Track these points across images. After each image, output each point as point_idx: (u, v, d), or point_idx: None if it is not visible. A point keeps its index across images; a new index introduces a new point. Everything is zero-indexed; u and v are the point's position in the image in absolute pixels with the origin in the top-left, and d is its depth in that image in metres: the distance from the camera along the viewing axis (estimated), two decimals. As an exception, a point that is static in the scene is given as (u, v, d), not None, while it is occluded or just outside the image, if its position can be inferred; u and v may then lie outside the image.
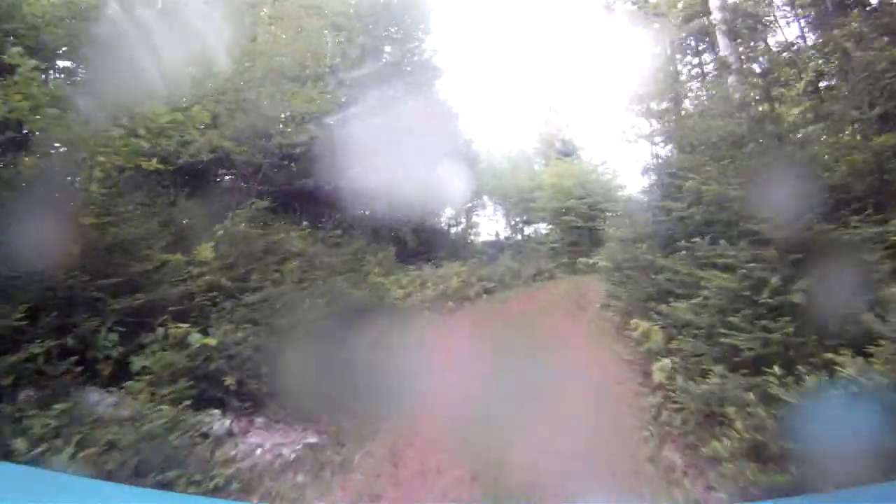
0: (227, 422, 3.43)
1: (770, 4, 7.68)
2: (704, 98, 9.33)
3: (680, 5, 9.38)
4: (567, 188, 15.60)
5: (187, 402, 3.23)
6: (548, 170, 17.93)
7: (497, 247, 15.69)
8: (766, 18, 7.68)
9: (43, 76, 4.70)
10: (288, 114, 8.97)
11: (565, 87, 31.50)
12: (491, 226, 18.38)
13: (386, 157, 13.21)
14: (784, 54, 6.99)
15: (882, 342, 2.67)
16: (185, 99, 5.78)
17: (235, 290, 5.01)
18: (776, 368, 2.91)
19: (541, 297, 9.62)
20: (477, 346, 5.45)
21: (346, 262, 7.97)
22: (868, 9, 5.75)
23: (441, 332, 5.61)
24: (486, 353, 5.04)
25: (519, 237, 17.84)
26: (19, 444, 2.57)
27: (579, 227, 15.49)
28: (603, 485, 2.89)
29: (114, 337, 3.61)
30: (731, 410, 2.95)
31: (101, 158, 4.25)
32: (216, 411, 3.45)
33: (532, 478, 2.81)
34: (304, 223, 8.12)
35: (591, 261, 11.10)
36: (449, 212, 16.24)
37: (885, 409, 2.28)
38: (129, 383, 3.33)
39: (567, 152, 20.08)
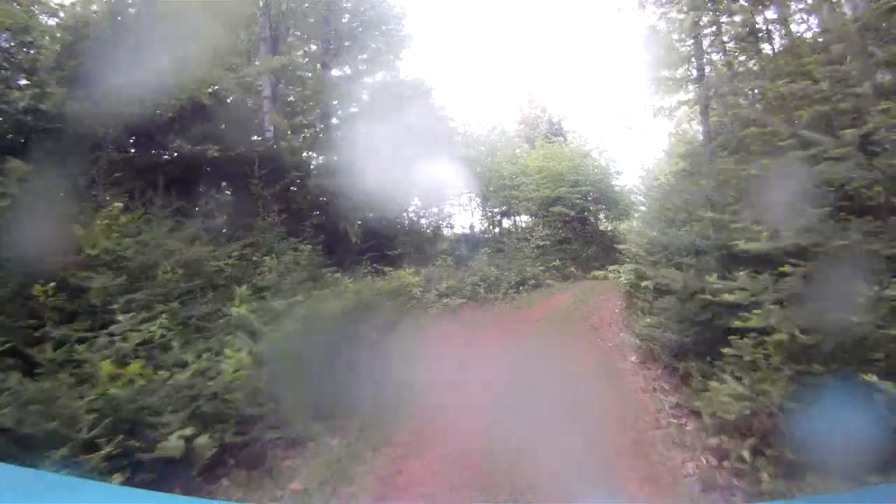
0: None
1: None
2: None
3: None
4: (558, 173, 12.79)
5: None
6: (534, 152, 15.06)
7: (471, 243, 12.82)
8: None
9: None
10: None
11: (552, 62, 28.72)
12: (464, 217, 15.46)
13: (329, 125, 10.11)
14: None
15: None
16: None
17: None
18: None
19: (529, 325, 6.66)
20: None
21: (219, 273, 4.91)
22: None
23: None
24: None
25: (497, 230, 14.94)
26: None
27: (571, 220, 12.73)
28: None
29: None
30: None
31: None
32: None
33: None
34: (164, 205, 4.97)
35: (620, 276, 7.98)
36: (413, 200, 13.23)
37: None
38: None
39: (555, 134, 17.33)
